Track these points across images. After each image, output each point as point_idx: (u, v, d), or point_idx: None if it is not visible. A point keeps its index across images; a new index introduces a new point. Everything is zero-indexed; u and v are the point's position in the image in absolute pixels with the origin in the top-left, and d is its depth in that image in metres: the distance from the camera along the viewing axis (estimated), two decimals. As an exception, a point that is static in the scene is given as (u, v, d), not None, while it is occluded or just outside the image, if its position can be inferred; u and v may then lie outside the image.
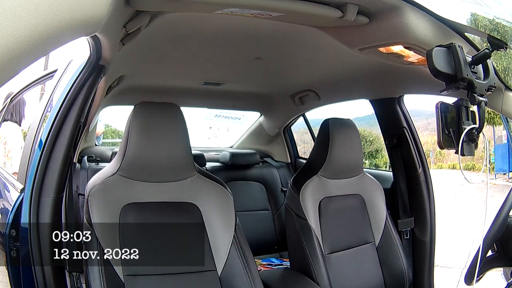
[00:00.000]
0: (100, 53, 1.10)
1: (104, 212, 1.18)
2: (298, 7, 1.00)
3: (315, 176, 1.67)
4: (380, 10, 1.04)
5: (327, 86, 2.08)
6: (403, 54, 1.24)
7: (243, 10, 1.01)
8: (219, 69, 1.91)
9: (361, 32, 1.13)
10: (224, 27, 1.29)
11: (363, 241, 1.67)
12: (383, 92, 1.86)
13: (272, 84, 2.20)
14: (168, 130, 1.26)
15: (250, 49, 1.56)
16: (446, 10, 1.06)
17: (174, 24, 1.22)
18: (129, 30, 1.04)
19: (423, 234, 1.84)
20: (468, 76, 1.01)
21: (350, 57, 1.46)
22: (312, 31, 1.21)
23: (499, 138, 9.53)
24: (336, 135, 1.65)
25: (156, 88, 2.15)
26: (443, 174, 10.92)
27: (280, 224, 2.51)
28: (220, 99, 2.46)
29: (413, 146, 1.86)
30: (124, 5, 0.86)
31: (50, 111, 1.27)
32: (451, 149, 1.08)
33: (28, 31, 0.42)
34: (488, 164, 1.16)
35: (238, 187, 2.46)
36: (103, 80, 1.34)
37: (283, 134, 2.78)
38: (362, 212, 1.71)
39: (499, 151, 9.72)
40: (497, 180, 9.33)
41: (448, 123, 1.08)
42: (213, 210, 1.31)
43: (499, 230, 1.23)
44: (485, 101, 1.05)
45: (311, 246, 1.56)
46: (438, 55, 0.99)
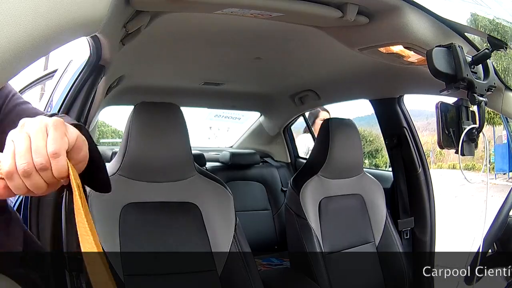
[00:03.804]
0: (100, 53, 1.10)
1: (104, 212, 1.18)
2: (298, 7, 1.00)
3: (315, 176, 1.67)
4: (380, 10, 1.04)
5: (327, 86, 2.08)
6: (403, 54, 1.24)
7: (243, 10, 1.01)
8: (219, 69, 1.91)
9: (361, 32, 1.13)
10: (224, 27, 1.29)
11: (363, 241, 1.67)
12: (383, 92, 1.86)
13: (272, 84, 2.20)
14: (168, 130, 1.26)
15: (250, 49, 1.56)
16: (446, 10, 1.06)
17: (174, 24, 1.22)
18: (129, 30, 1.04)
19: (423, 234, 1.85)
20: (468, 76, 1.01)
21: (350, 57, 1.46)
22: (312, 31, 1.21)
23: (499, 138, 9.53)
24: (336, 135, 1.65)
25: (156, 88, 2.16)
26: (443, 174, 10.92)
27: (280, 224, 2.51)
28: (220, 99, 2.47)
29: (413, 146, 1.86)
30: (124, 5, 0.86)
31: (50, 111, 1.27)
32: (451, 149, 1.08)
33: (28, 31, 0.42)
34: (488, 164, 1.16)
35: (238, 187, 2.46)
36: (103, 80, 1.34)
37: (283, 134, 2.78)
38: (362, 212, 1.71)
39: (499, 151, 9.71)
40: (497, 180, 9.33)
41: (448, 123, 1.08)
42: (213, 210, 1.31)
43: (499, 230, 1.23)
44: (485, 101, 1.05)
45: (311, 246, 1.56)
46: (438, 55, 0.99)
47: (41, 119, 0.52)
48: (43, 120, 0.52)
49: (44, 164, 0.49)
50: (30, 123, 0.51)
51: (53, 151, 0.49)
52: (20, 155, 0.49)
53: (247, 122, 3.00)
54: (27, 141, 0.49)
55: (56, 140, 0.50)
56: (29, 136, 0.50)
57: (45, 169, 0.49)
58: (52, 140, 0.50)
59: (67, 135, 0.52)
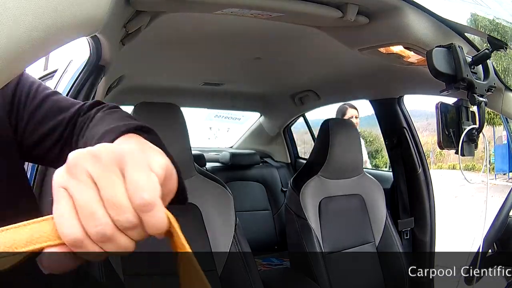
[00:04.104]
0: (100, 53, 1.10)
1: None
2: (298, 7, 1.00)
3: (315, 176, 1.67)
4: (380, 10, 1.04)
5: (327, 86, 2.08)
6: (403, 54, 1.24)
7: (243, 10, 1.01)
8: (219, 69, 1.91)
9: (361, 32, 1.13)
10: (224, 27, 1.29)
11: (363, 241, 1.67)
12: (383, 92, 1.86)
13: (272, 84, 2.21)
14: (168, 130, 1.26)
15: (250, 49, 1.56)
16: (446, 10, 1.06)
17: (174, 24, 1.22)
18: (129, 30, 1.03)
19: (423, 234, 1.85)
20: (468, 76, 1.01)
21: (350, 57, 1.46)
22: (312, 31, 1.21)
23: (499, 139, 9.53)
24: (336, 136, 1.65)
25: (156, 88, 2.16)
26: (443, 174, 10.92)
27: (280, 224, 2.51)
28: (220, 99, 2.47)
29: (413, 146, 1.86)
30: (124, 5, 0.86)
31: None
32: (451, 149, 1.08)
33: (28, 31, 0.42)
34: (488, 164, 1.16)
35: (238, 187, 2.46)
36: (103, 80, 1.34)
37: (283, 134, 2.78)
38: (362, 212, 1.71)
39: (499, 152, 9.71)
40: (497, 180, 9.32)
41: (448, 123, 1.08)
42: (213, 210, 1.31)
43: (499, 230, 1.23)
44: (485, 101, 1.05)
45: (311, 246, 1.56)
46: (438, 56, 0.99)
47: (105, 149, 0.34)
48: (109, 149, 0.33)
49: (132, 222, 0.32)
50: (87, 157, 0.33)
51: (142, 203, 0.32)
52: (87, 211, 0.31)
53: (247, 122, 3.00)
54: (93, 190, 0.32)
55: (141, 183, 0.32)
56: (93, 181, 0.32)
57: (134, 228, 0.33)
58: (135, 183, 0.32)
59: (153, 168, 0.33)
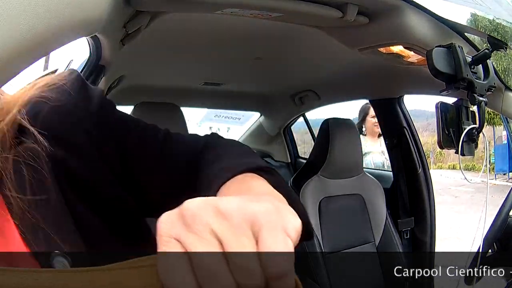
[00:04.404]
0: (100, 53, 1.10)
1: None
2: (298, 7, 1.00)
3: (315, 176, 1.67)
4: (380, 10, 1.04)
5: (327, 86, 2.08)
6: (403, 54, 1.24)
7: (243, 10, 1.01)
8: (219, 69, 1.91)
9: (361, 32, 1.13)
10: (224, 27, 1.29)
11: (363, 241, 1.67)
12: (383, 92, 1.86)
13: (272, 84, 2.20)
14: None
15: (250, 49, 1.56)
16: (446, 10, 1.06)
17: (174, 24, 1.22)
18: (129, 30, 1.03)
19: (423, 234, 1.84)
20: (468, 76, 1.01)
21: (350, 57, 1.46)
22: (312, 31, 1.21)
23: (499, 138, 9.53)
24: (336, 135, 1.65)
25: (156, 88, 2.15)
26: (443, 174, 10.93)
27: (280, 224, 2.50)
28: (220, 99, 2.46)
29: (413, 146, 1.86)
30: (124, 5, 0.86)
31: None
32: (451, 149, 1.08)
33: (27, 31, 0.42)
34: (488, 164, 1.16)
35: (238, 187, 2.46)
36: (103, 80, 1.34)
37: (283, 134, 2.77)
38: (362, 212, 1.71)
39: (499, 152, 9.72)
40: (497, 180, 9.33)
41: (448, 123, 1.08)
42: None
43: (499, 230, 1.23)
44: (485, 101, 1.05)
45: (311, 246, 1.56)
46: (438, 55, 0.99)
47: (236, 206, 0.29)
48: (240, 208, 0.29)
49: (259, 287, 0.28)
50: (209, 212, 0.29)
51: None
52: (209, 271, 0.28)
53: (247, 122, 2.99)
54: (218, 250, 0.28)
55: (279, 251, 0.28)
56: (218, 241, 0.28)
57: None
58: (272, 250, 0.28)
59: (289, 233, 0.29)
